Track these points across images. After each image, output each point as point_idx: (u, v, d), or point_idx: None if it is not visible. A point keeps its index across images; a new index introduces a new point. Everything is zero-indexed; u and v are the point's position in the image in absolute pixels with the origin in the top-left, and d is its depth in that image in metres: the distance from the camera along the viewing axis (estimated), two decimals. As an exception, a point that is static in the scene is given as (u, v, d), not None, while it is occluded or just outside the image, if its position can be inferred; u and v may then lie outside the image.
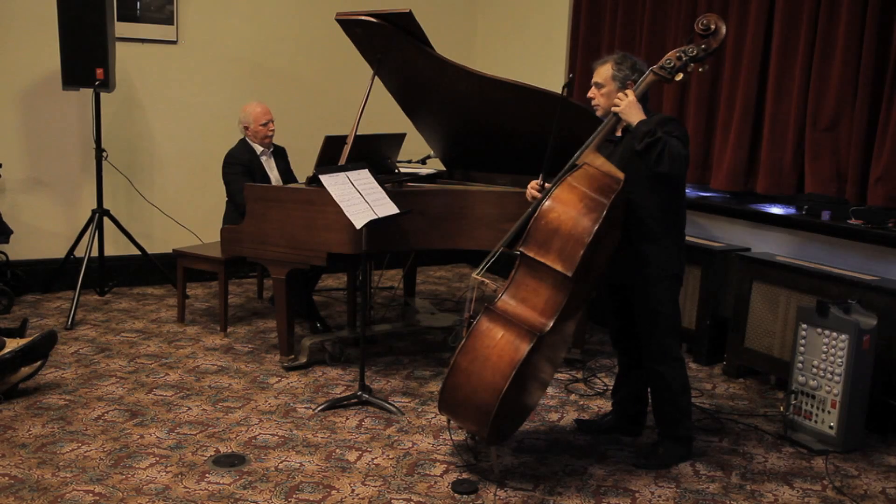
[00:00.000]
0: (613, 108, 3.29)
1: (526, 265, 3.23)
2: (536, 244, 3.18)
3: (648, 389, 3.66)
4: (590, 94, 3.45)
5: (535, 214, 3.19)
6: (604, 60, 3.43)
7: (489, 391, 3.07)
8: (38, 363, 3.93)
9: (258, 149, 5.08)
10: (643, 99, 3.33)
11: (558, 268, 3.12)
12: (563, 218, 3.15)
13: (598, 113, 3.45)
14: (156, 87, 5.93)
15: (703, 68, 3.29)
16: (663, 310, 3.38)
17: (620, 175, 3.23)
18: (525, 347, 3.08)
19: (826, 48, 4.30)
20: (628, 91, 3.29)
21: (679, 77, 3.27)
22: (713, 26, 3.21)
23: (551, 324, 3.13)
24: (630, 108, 3.24)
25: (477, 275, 3.35)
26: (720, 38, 3.22)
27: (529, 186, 3.45)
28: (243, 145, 5.07)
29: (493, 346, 3.13)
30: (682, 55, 3.24)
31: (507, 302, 3.22)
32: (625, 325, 3.59)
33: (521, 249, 3.20)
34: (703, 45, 3.23)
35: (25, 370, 3.88)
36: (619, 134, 3.41)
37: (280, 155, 5.25)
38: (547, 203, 3.19)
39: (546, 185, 3.36)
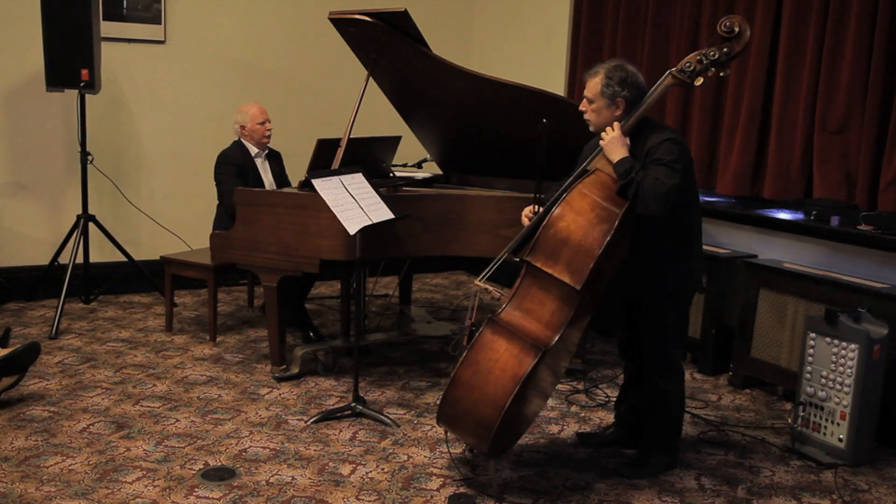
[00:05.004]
0: (600, 142, 3.20)
1: (532, 275, 3.18)
2: (544, 254, 3.13)
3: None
4: (581, 108, 3.34)
5: (545, 222, 3.13)
6: (594, 72, 3.27)
7: (491, 406, 3.03)
8: (17, 376, 3.86)
9: (253, 150, 5.05)
10: (657, 103, 3.26)
11: (566, 280, 3.07)
12: (572, 228, 3.09)
13: (591, 129, 3.33)
14: (143, 88, 5.89)
15: (726, 73, 3.20)
16: (669, 323, 3.36)
17: None
18: (529, 362, 3.04)
19: (835, 48, 4.26)
20: (615, 125, 3.18)
21: (699, 81, 3.16)
22: (737, 28, 3.11)
23: (557, 337, 3.09)
24: (612, 145, 3.16)
25: (479, 281, 3.30)
26: (744, 42, 3.12)
27: (523, 214, 3.38)
28: (238, 146, 5.04)
29: (496, 360, 3.09)
30: (703, 58, 3.13)
31: (511, 313, 3.17)
32: (634, 336, 3.56)
33: (528, 259, 3.15)
34: (725, 49, 3.13)
35: (6, 381, 3.82)
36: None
37: (275, 159, 5.22)
38: (557, 211, 3.13)
39: (540, 209, 3.29)
